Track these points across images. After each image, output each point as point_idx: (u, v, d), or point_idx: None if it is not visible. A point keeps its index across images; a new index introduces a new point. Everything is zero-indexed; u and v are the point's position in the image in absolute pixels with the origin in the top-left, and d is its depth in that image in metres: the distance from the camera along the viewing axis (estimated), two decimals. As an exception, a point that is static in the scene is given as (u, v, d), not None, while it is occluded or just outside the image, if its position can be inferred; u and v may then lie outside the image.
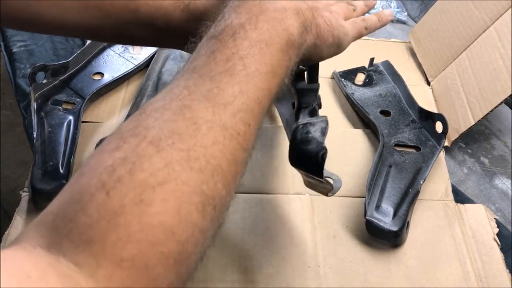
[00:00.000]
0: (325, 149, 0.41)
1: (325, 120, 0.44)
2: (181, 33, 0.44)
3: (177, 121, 0.28)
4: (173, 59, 0.79)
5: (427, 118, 0.71)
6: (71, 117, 0.68)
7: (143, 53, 0.81)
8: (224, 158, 0.28)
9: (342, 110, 0.77)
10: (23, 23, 0.41)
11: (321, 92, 0.58)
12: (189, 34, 0.44)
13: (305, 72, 0.52)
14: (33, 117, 0.66)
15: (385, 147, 0.68)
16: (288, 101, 0.55)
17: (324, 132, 0.43)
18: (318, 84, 0.51)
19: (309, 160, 0.42)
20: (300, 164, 0.44)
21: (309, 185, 0.50)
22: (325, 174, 0.43)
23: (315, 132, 0.43)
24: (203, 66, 0.31)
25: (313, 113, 0.48)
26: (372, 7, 0.46)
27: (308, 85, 0.51)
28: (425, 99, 0.80)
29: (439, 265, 0.58)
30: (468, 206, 0.65)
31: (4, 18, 0.38)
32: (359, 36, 0.45)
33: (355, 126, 0.75)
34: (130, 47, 0.82)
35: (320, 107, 0.51)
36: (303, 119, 0.47)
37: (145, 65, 0.79)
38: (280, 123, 0.69)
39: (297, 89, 0.51)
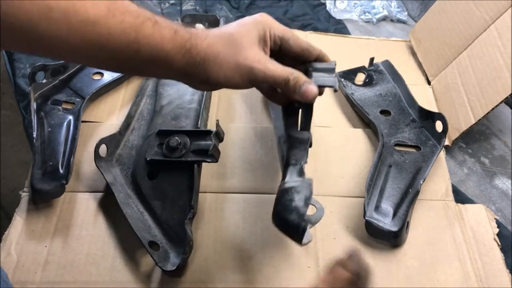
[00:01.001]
0: (305, 222, 0.43)
1: (309, 186, 0.46)
2: (181, 74, 0.47)
3: None
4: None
5: (427, 117, 0.70)
6: (70, 117, 0.68)
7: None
8: None
9: (342, 110, 0.77)
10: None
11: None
12: (188, 76, 0.47)
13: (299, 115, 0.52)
14: (33, 117, 0.66)
15: (385, 147, 0.67)
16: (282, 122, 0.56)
17: (307, 202, 0.44)
18: (309, 135, 0.51)
19: (290, 229, 0.45)
20: (281, 229, 0.47)
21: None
22: (311, 203, 0.46)
23: (298, 201, 0.44)
24: None
25: (301, 173, 0.48)
26: None
27: (300, 135, 0.51)
28: (425, 98, 0.80)
29: (439, 265, 0.58)
30: (468, 206, 0.65)
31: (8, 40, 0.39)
32: None
33: (355, 126, 0.75)
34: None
35: (310, 146, 0.51)
36: (290, 178, 0.48)
37: (145, 65, 0.79)
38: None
39: (289, 135, 0.52)
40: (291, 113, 0.53)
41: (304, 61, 0.51)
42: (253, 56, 0.46)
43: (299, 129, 0.52)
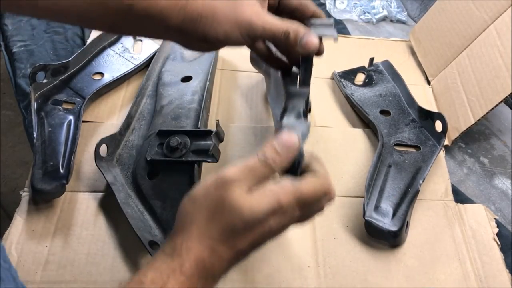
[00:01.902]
0: (302, 155, 0.42)
1: (307, 125, 0.45)
2: (177, 31, 0.45)
3: None
4: (173, 59, 0.79)
5: (427, 117, 0.70)
6: (71, 117, 0.68)
7: (143, 53, 0.81)
8: None
9: (342, 110, 0.77)
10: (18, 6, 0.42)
11: (321, 93, 0.58)
12: (186, 33, 0.45)
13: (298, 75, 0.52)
14: (33, 117, 0.66)
15: (385, 147, 0.68)
16: (283, 104, 0.55)
17: (304, 136, 0.43)
18: (308, 90, 0.51)
19: None
20: None
21: None
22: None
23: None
24: None
25: (298, 116, 0.48)
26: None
27: (299, 89, 0.51)
28: (425, 98, 0.80)
29: (439, 265, 0.58)
30: (468, 206, 0.65)
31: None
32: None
33: (355, 126, 0.75)
34: (130, 47, 0.82)
35: (309, 111, 0.51)
36: (288, 120, 0.47)
37: (145, 65, 0.79)
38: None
39: (287, 92, 0.52)
40: (289, 76, 0.53)
41: (301, 17, 0.50)
42: (252, 10, 0.45)
43: (298, 87, 0.52)
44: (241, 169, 0.38)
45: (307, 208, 0.40)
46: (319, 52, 0.49)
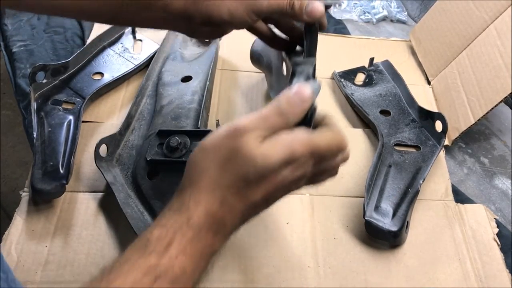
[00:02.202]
0: (315, 109, 0.41)
1: (318, 83, 0.43)
2: (180, 16, 0.45)
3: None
4: (173, 59, 0.79)
5: (427, 117, 0.70)
6: (71, 117, 0.68)
7: (143, 53, 0.81)
8: None
9: (341, 110, 0.77)
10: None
11: (321, 93, 0.57)
12: (189, 17, 0.45)
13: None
14: (33, 117, 0.66)
15: (385, 147, 0.68)
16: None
17: (316, 92, 0.42)
18: (315, 59, 0.51)
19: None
20: None
21: None
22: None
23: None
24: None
25: (308, 77, 0.47)
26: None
27: (305, 59, 0.51)
28: (425, 98, 0.80)
29: (439, 265, 0.58)
30: (468, 206, 0.65)
31: None
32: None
33: (355, 126, 0.75)
34: (130, 47, 0.82)
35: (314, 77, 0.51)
36: (298, 81, 0.47)
37: (145, 65, 0.79)
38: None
39: (294, 62, 0.51)
40: (293, 53, 0.53)
41: None
42: None
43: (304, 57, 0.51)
44: (254, 118, 0.37)
45: (321, 162, 0.39)
46: (322, 25, 0.49)
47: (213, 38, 0.65)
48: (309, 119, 0.41)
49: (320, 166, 0.39)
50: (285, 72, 0.61)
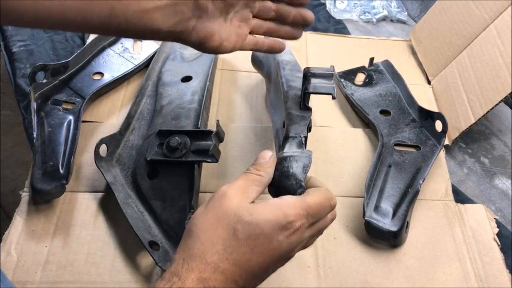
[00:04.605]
0: (303, 188, 0.42)
1: (309, 156, 0.45)
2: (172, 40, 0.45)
3: None
4: (173, 59, 0.79)
5: (427, 117, 0.70)
6: (71, 117, 0.68)
7: (143, 53, 0.81)
8: None
9: (341, 110, 0.77)
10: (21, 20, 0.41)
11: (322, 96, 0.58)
12: (181, 41, 0.45)
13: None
14: (33, 117, 0.66)
15: (385, 147, 0.67)
16: (282, 111, 0.55)
17: (305, 169, 0.44)
18: (310, 113, 0.52)
19: (286, 194, 0.42)
20: (277, 195, 0.45)
21: None
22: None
23: (297, 168, 0.44)
24: None
25: (300, 145, 0.48)
26: None
27: (300, 111, 0.51)
28: (425, 98, 0.80)
29: (439, 265, 0.58)
30: (468, 206, 0.65)
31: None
32: None
33: (355, 126, 0.75)
34: (130, 47, 0.82)
35: (310, 130, 0.52)
36: (289, 149, 0.47)
37: (145, 65, 0.79)
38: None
39: (289, 113, 0.52)
40: (292, 96, 0.54)
41: None
42: None
43: (300, 108, 0.52)
44: (235, 181, 0.39)
45: (315, 223, 0.39)
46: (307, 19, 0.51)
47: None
48: (298, 191, 0.42)
49: (314, 226, 0.39)
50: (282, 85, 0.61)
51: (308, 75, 0.51)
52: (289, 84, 0.56)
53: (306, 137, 0.49)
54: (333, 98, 0.50)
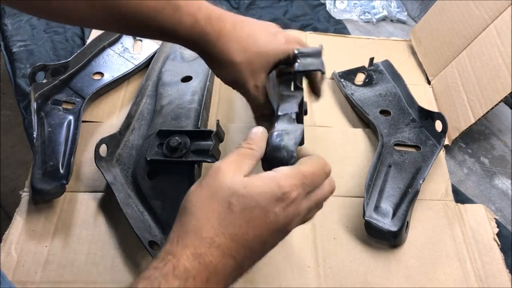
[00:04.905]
0: (294, 158, 0.41)
1: (300, 129, 0.45)
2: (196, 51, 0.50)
3: None
4: (173, 59, 0.79)
5: (427, 117, 0.70)
6: (71, 117, 0.68)
7: (143, 53, 0.81)
8: None
9: (341, 110, 0.77)
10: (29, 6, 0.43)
11: (321, 96, 0.58)
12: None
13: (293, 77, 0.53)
14: (33, 117, 0.66)
15: (385, 147, 0.67)
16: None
17: (296, 142, 0.43)
18: (301, 92, 0.51)
19: (278, 166, 0.41)
20: (269, 168, 0.44)
21: None
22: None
23: (288, 140, 0.43)
24: None
25: (291, 121, 0.48)
26: None
27: (291, 92, 0.51)
28: (425, 98, 0.80)
29: (439, 265, 0.58)
30: (468, 206, 0.65)
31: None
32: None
33: (355, 126, 0.75)
34: (130, 47, 0.82)
35: (306, 113, 0.51)
36: (280, 126, 0.47)
37: (145, 65, 0.79)
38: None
39: (280, 94, 0.52)
40: (284, 80, 0.54)
41: None
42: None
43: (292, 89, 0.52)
44: (228, 157, 0.38)
45: (311, 192, 0.38)
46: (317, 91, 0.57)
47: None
48: (290, 162, 0.41)
49: (311, 197, 0.38)
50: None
51: (297, 55, 0.51)
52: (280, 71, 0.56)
53: (297, 113, 0.49)
54: (322, 73, 0.50)
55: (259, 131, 0.42)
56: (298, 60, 0.51)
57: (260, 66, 0.50)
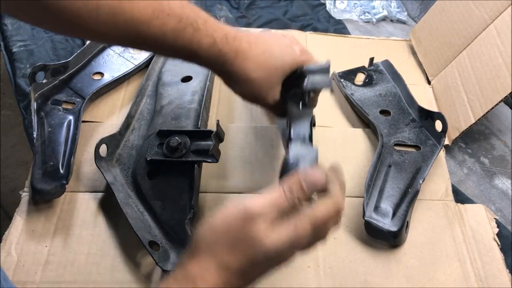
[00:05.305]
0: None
1: (315, 153, 0.45)
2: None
3: None
4: (173, 59, 0.79)
5: (427, 117, 0.70)
6: (71, 117, 0.68)
7: (143, 53, 0.81)
8: None
9: (341, 110, 0.77)
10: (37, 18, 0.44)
11: (321, 93, 0.58)
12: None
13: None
14: (33, 117, 0.66)
15: (384, 147, 0.67)
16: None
17: (312, 164, 0.44)
18: (311, 110, 0.53)
19: None
20: None
21: None
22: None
23: (304, 166, 0.44)
24: None
25: (304, 141, 0.49)
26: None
27: (300, 111, 0.52)
28: (425, 98, 0.80)
29: (439, 265, 0.58)
30: (468, 206, 0.65)
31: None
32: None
33: (354, 126, 0.75)
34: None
35: (314, 125, 0.52)
36: (295, 149, 0.48)
37: (145, 65, 0.79)
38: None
39: (291, 114, 0.52)
40: (291, 96, 0.54)
41: None
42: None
43: (301, 107, 0.53)
44: (265, 203, 0.38)
45: (318, 232, 0.39)
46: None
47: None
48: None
49: (315, 235, 0.40)
50: None
51: (304, 73, 0.52)
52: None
53: (310, 134, 0.50)
54: (331, 91, 0.51)
55: (319, 182, 0.40)
56: (307, 78, 0.52)
57: (277, 79, 0.51)
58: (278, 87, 0.52)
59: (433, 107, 0.78)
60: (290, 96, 0.54)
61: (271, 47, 0.51)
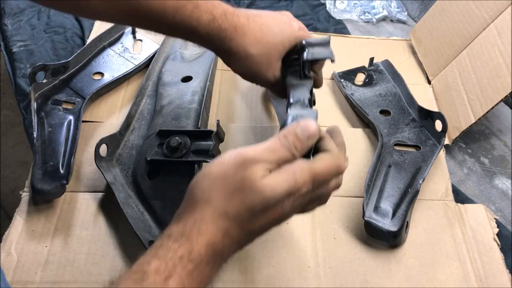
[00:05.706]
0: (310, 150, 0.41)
1: (315, 113, 0.44)
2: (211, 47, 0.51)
3: None
4: (173, 59, 0.79)
5: (427, 117, 0.70)
6: (71, 117, 0.68)
7: (143, 53, 0.81)
8: None
9: (341, 110, 0.77)
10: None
11: (321, 93, 0.58)
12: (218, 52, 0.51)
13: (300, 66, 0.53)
14: (33, 117, 0.66)
15: (384, 147, 0.67)
16: (285, 102, 0.55)
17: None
18: (311, 81, 0.52)
19: None
20: None
21: None
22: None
23: None
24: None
25: (304, 106, 0.48)
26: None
27: (300, 81, 0.52)
28: (425, 97, 0.80)
29: (439, 265, 0.58)
30: (468, 206, 0.65)
31: None
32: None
33: (354, 126, 0.75)
34: (130, 47, 0.82)
35: (314, 104, 0.52)
36: (294, 111, 0.47)
37: (145, 65, 0.79)
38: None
39: (289, 84, 0.52)
40: (291, 72, 0.54)
41: None
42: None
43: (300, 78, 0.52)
44: (262, 150, 0.37)
45: (318, 188, 0.39)
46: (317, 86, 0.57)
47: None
48: (309, 150, 0.41)
49: (315, 192, 0.39)
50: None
51: (304, 46, 0.52)
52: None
53: (310, 99, 0.49)
54: (332, 61, 0.50)
55: (312, 128, 0.39)
56: (306, 50, 0.51)
57: (276, 55, 0.51)
58: (278, 64, 0.52)
59: (433, 107, 0.78)
60: (290, 72, 0.54)
61: (269, 23, 0.50)
